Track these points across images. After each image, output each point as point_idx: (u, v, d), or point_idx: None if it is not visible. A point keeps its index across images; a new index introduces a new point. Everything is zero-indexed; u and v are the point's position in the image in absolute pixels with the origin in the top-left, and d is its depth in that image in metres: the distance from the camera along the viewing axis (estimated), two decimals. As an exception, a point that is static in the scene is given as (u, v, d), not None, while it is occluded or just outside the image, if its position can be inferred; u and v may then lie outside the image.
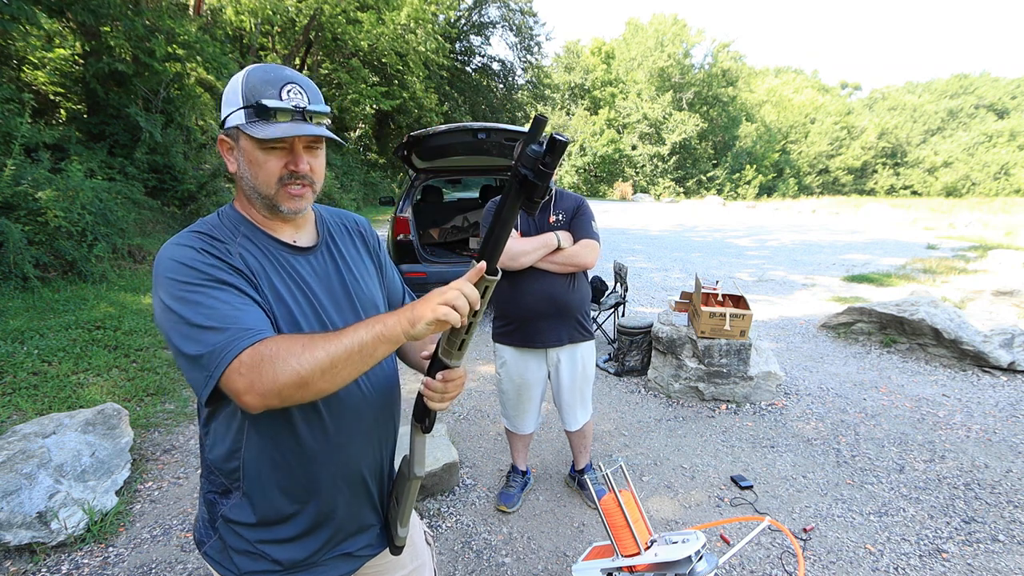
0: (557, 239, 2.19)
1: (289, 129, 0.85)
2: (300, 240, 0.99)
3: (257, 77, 0.88)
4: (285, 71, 0.89)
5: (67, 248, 5.29)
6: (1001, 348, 4.21)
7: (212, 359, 0.76)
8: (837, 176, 45.94)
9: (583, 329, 2.36)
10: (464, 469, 2.91)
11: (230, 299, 0.82)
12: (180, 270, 0.82)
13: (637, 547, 1.55)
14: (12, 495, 2.16)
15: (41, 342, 3.91)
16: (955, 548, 2.29)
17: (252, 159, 0.89)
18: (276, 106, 0.84)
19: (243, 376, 0.74)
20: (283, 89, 0.87)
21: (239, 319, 0.79)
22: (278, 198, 0.91)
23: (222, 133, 0.92)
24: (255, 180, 0.90)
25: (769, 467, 2.93)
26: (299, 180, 0.91)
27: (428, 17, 18.15)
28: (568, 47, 43.17)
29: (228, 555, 0.97)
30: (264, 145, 0.87)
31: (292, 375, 0.73)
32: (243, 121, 0.87)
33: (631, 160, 38.60)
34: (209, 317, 0.78)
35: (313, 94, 0.90)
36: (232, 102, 0.88)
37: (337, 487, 0.98)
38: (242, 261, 0.89)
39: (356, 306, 1.00)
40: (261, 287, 0.89)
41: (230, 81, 0.90)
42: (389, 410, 1.07)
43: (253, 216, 0.96)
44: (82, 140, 7.24)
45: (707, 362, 3.68)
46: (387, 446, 1.09)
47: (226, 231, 0.92)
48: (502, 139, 4.82)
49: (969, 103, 54.51)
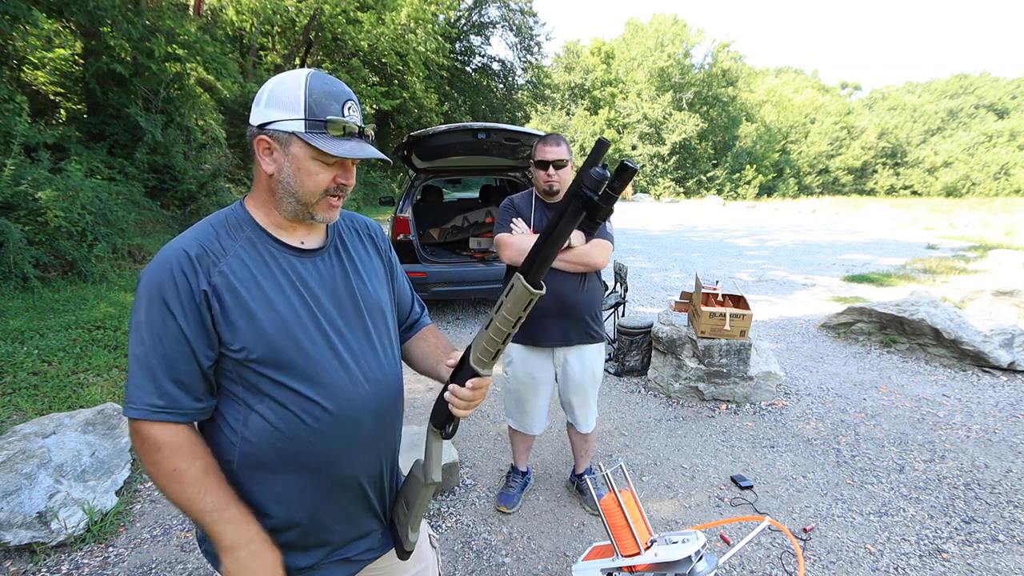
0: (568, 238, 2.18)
1: (355, 149, 0.88)
2: (308, 243, 0.98)
3: (320, 89, 0.88)
4: (343, 86, 0.91)
5: (67, 248, 5.29)
6: (1001, 348, 4.21)
7: (133, 411, 0.86)
8: (837, 176, 45.93)
9: (592, 331, 2.32)
10: (464, 469, 2.91)
11: (168, 355, 0.86)
12: (142, 299, 0.86)
13: (637, 547, 1.55)
14: (12, 495, 2.16)
15: (41, 342, 3.91)
16: (955, 548, 2.29)
17: (303, 167, 0.89)
18: (342, 123, 0.87)
19: (140, 442, 0.87)
20: (345, 105, 0.89)
21: (164, 378, 0.85)
22: (318, 207, 0.93)
23: (264, 133, 0.89)
24: (299, 187, 0.90)
25: (769, 467, 2.93)
26: (343, 192, 0.94)
27: (428, 17, 18.14)
28: (568, 47, 43.19)
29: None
30: (322, 157, 0.88)
31: (147, 469, 0.87)
32: (302, 130, 0.86)
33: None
34: (147, 366, 0.85)
35: (360, 110, 0.93)
36: (290, 108, 0.87)
37: (334, 495, 0.97)
38: (222, 279, 0.87)
39: (361, 309, 0.99)
40: (232, 303, 0.87)
41: (281, 83, 0.89)
42: (390, 418, 1.05)
43: (264, 218, 0.95)
44: (82, 140, 7.24)
45: (707, 362, 3.68)
46: (388, 454, 1.07)
47: (229, 234, 0.92)
48: (502, 139, 4.82)
49: (969, 103, 54.52)
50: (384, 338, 1.03)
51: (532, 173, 2.30)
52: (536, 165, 2.22)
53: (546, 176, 2.20)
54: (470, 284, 5.30)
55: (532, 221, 2.27)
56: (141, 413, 0.84)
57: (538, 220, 2.27)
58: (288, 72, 0.91)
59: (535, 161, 2.22)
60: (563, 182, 2.23)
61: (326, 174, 0.90)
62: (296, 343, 0.90)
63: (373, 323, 1.01)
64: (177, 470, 0.85)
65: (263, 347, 0.88)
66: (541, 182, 2.23)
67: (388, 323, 1.06)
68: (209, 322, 0.87)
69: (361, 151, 0.88)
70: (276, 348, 0.89)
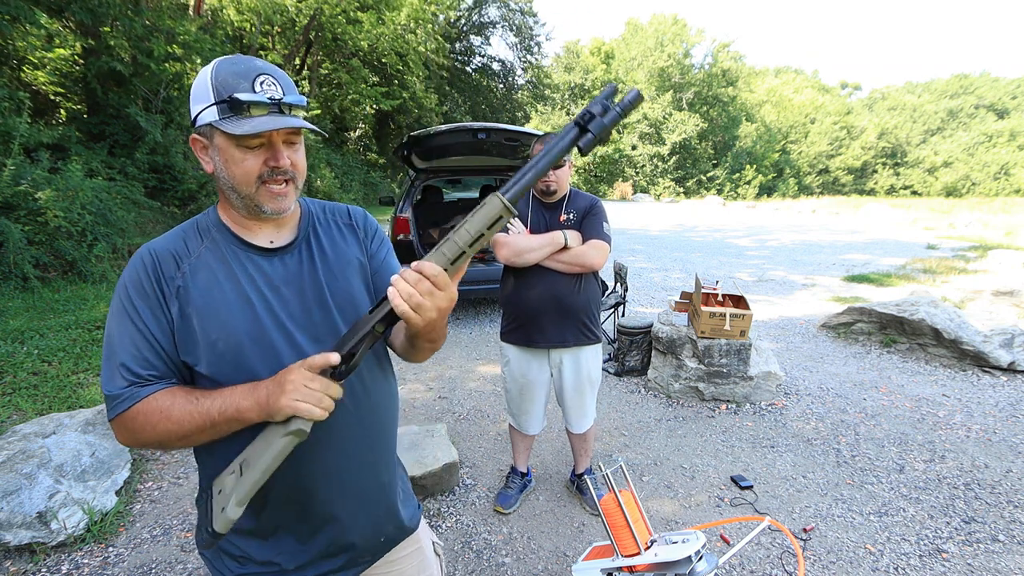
0: (565, 238, 2.17)
1: (266, 123, 0.81)
2: (278, 240, 0.95)
3: (226, 70, 0.83)
4: (256, 61, 0.85)
5: (67, 248, 5.29)
6: (1001, 348, 4.21)
7: (108, 404, 0.86)
8: (837, 176, 45.93)
9: (588, 332, 2.32)
10: (464, 469, 2.91)
11: (135, 340, 0.86)
12: (118, 294, 0.88)
13: (637, 547, 1.55)
14: (12, 495, 2.16)
15: (41, 342, 3.91)
16: (955, 548, 2.29)
17: (228, 157, 0.84)
18: (251, 99, 0.80)
19: (120, 432, 0.87)
20: (256, 81, 0.82)
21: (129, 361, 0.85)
22: (259, 198, 0.87)
23: (194, 132, 0.87)
24: (233, 180, 0.86)
25: (769, 467, 2.93)
26: (280, 176, 0.87)
27: (428, 17, 18.15)
28: (568, 47, 43.15)
29: (220, 557, 0.98)
30: (241, 141, 0.82)
31: (153, 442, 0.85)
32: (216, 118, 0.82)
33: (631, 160, 38.60)
34: (112, 353, 0.86)
35: (287, 84, 0.86)
36: (202, 98, 0.83)
37: (322, 513, 0.96)
38: (183, 280, 0.87)
39: (328, 303, 0.94)
40: (189, 308, 0.87)
41: (198, 75, 0.85)
42: (381, 437, 1.03)
43: (229, 219, 0.93)
44: (82, 140, 7.24)
45: (707, 362, 3.68)
46: (377, 470, 1.03)
47: (196, 237, 0.92)
48: (502, 139, 4.82)
49: (969, 103, 54.52)
50: None
51: None
52: None
53: (544, 176, 2.19)
54: (470, 284, 5.30)
55: (529, 221, 2.27)
56: (117, 407, 0.84)
57: (535, 220, 2.26)
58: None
59: None
60: (560, 182, 2.22)
61: (253, 159, 0.84)
62: (243, 361, 0.88)
63: (344, 317, 0.95)
64: (165, 414, 0.83)
65: (208, 365, 0.87)
66: (539, 182, 2.23)
67: (360, 315, 0.98)
68: (166, 323, 0.87)
69: (272, 124, 0.80)
70: (222, 366, 0.87)
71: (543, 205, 2.29)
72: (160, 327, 0.86)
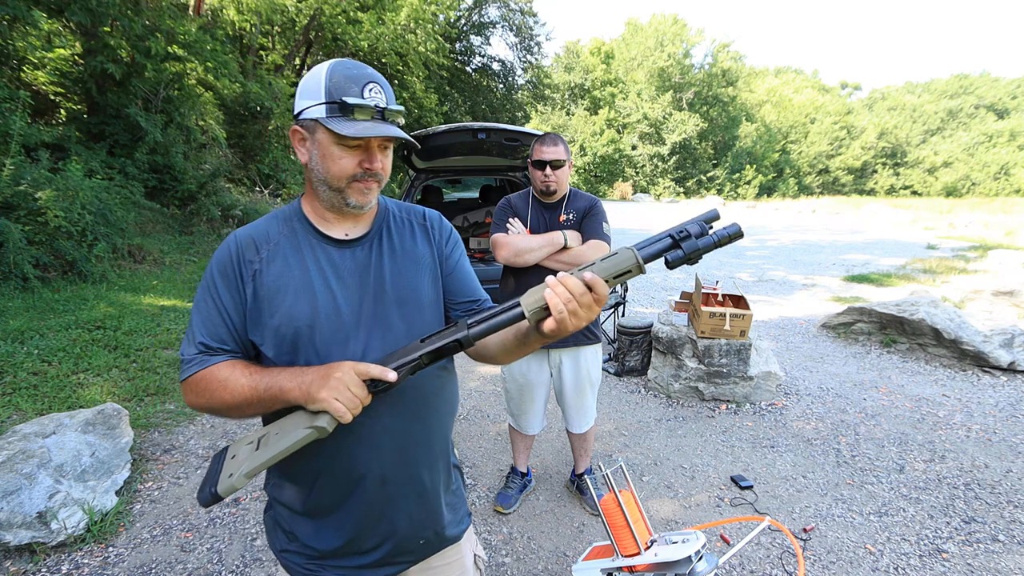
0: (564, 238, 2.17)
1: (369, 128, 0.87)
2: (352, 233, 1.00)
3: (340, 73, 0.89)
4: (366, 69, 0.91)
5: (67, 248, 5.29)
6: (1001, 348, 4.21)
7: (181, 366, 0.95)
8: (837, 176, 45.94)
9: (587, 332, 2.32)
10: (464, 469, 2.91)
11: (211, 315, 0.94)
12: (207, 272, 0.97)
13: (637, 547, 1.55)
14: (12, 495, 2.16)
15: (41, 342, 3.91)
16: (955, 548, 2.29)
17: (327, 153, 0.90)
18: (358, 103, 0.86)
19: (188, 393, 0.94)
20: (365, 87, 0.89)
21: (202, 334, 0.94)
22: (348, 192, 0.93)
23: (296, 124, 0.93)
24: (327, 173, 0.92)
25: (769, 467, 2.93)
26: (370, 178, 0.93)
27: (428, 17, 18.12)
28: (568, 47, 43.16)
29: (276, 528, 1.05)
30: (342, 141, 0.88)
31: (211, 407, 0.92)
32: (323, 115, 0.88)
33: (631, 160, 38.62)
34: (192, 323, 0.95)
35: (389, 94, 0.92)
36: (312, 94, 0.89)
37: (366, 502, 0.98)
38: (260, 265, 0.95)
39: (387, 297, 0.98)
40: (262, 289, 0.94)
41: (311, 72, 0.92)
42: (434, 436, 1.05)
43: (311, 211, 0.99)
44: (82, 140, 7.23)
45: (707, 362, 3.68)
46: (429, 469, 1.04)
47: (278, 225, 0.99)
48: (502, 139, 4.81)
49: (969, 103, 54.52)
50: (416, 329, 0.97)
51: (529, 173, 2.29)
52: (533, 165, 2.22)
53: (543, 176, 2.19)
54: None
55: (529, 221, 2.26)
56: (187, 370, 0.93)
57: (535, 220, 2.26)
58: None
59: (532, 161, 2.22)
60: (560, 182, 2.22)
61: (350, 159, 0.90)
62: (300, 345, 0.93)
63: (403, 310, 0.99)
64: (223, 383, 0.90)
65: (271, 346, 0.93)
66: (538, 182, 2.23)
67: (425, 315, 1.02)
68: (240, 303, 0.94)
69: (376, 130, 0.87)
70: (282, 348, 0.93)
71: (543, 205, 2.29)
72: (234, 306, 0.94)
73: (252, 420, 3.34)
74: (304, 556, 1.01)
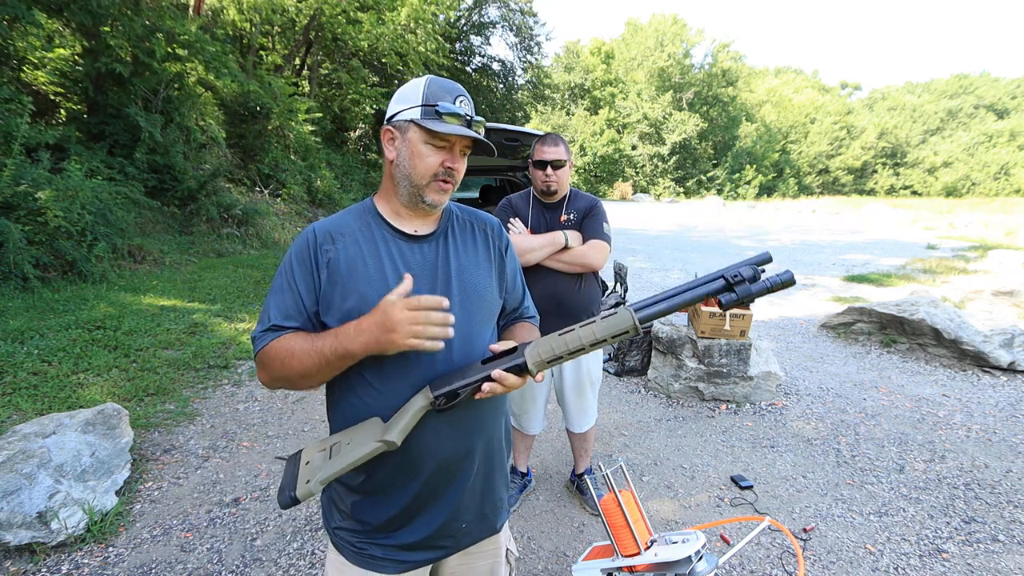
0: (565, 238, 2.18)
1: (459, 129, 1.00)
2: (421, 230, 1.09)
3: (437, 85, 1.02)
4: (458, 85, 1.05)
5: (67, 248, 5.29)
6: (1001, 348, 4.21)
7: (253, 343, 1.04)
8: (837, 176, 45.95)
9: None
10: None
11: (285, 298, 1.03)
12: (285, 259, 1.06)
13: (637, 547, 1.55)
14: (12, 495, 2.16)
15: (41, 342, 3.91)
16: (955, 548, 2.29)
17: (415, 151, 1.01)
18: (450, 110, 0.99)
19: (260, 369, 1.04)
20: (457, 99, 1.02)
21: (275, 316, 1.03)
22: (427, 190, 1.03)
23: (388, 125, 1.05)
24: (412, 169, 1.02)
25: (769, 467, 2.93)
26: (450, 178, 1.03)
27: (428, 17, 18.12)
28: (568, 47, 43.17)
29: (332, 506, 1.12)
30: (433, 138, 1.00)
31: (283, 377, 1.00)
32: (418, 117, 1.00)
33: (631, 160, 38.62)
34: (267, 304, 1.04)
35: (473, 108, 1.05)
36: (410, 100, 1.02)
37: (415, 478, 1.04)
38: (335, 254, 1.03)
39: (451, 291, 1.06)
40: (336, 276, 1.02)
41: (409, 83, 1.05)
42: (489, 422, 1.11)
43: (385, 207, 1.09)
44: (82, 140, 7.23)
45: (707, 362, 3.68)
46: (487, 453, 1.12)
47: (355, 219, 1.08)
48: (502, 139, 4.81)
49: (969, 103, 54.53)
50: (476, 321, 1.07)
51: (530, 173, 2.29)
52: (534, 165, 2.22)
53: (544, 176, 2.20)
54: None
55: (529, 221, 2.26)
56: (257, 346, 1.01)
57: (535, 220, 2.26)
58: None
59: (533, 161, 2.22)
60: (561, 182, 2.22)
61: (435, 157, 1.01)
62: None
63: (465, 303, 1.06)
64: (290, 352, 0.97)
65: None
66: (539, 182, 2.23)
67: (485, 309, 1.10)
68: (314, 286, 1.02)
69: (464, 131, 0.99)
70: None
71: (543, 205, 2.29)
72: (308, 289, 1.02)
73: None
74: (354, 532, 1.08)
